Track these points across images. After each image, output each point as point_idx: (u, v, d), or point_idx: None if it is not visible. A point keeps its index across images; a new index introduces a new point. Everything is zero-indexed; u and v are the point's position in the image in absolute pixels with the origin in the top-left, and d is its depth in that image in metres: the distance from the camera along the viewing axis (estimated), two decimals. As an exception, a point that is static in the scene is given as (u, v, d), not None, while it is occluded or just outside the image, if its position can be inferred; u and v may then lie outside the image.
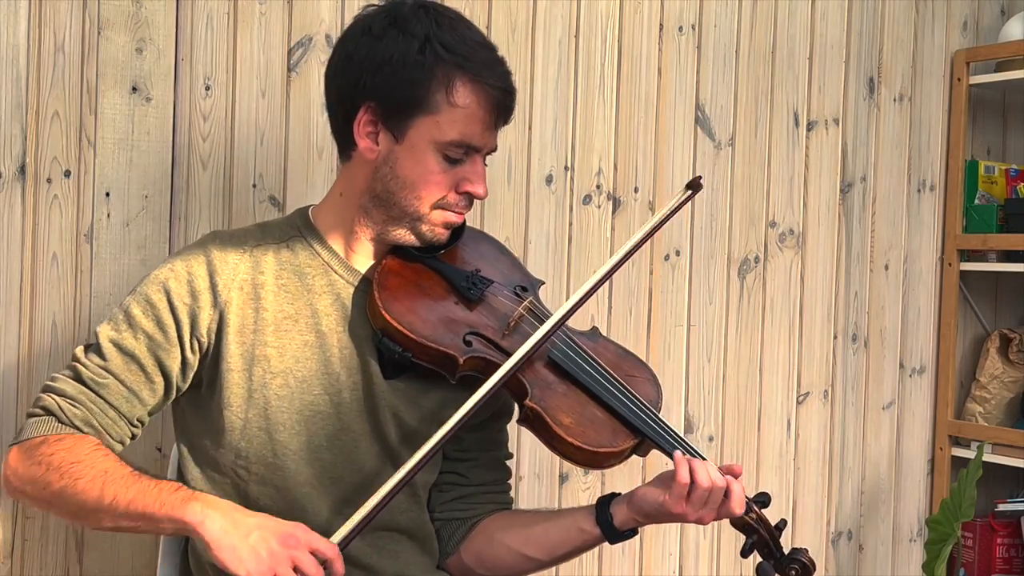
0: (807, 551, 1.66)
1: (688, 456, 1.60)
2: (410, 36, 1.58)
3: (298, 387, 1.62)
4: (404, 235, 1.65)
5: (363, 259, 1.68)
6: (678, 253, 2.63)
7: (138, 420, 1.62)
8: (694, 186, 1.73)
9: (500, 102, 1.62)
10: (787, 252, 2.78)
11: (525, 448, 2.39)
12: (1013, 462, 2.91)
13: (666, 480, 1.61)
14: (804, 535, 2.81)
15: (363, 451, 1.65)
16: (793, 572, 1.64)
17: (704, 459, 1.60)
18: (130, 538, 2.02)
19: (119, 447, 1.61)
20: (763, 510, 1.65)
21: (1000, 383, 3.05)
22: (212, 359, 1.62)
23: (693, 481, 1.57)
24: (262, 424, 1.62)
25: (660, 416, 1.65)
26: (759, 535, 1.64)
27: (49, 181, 1.97)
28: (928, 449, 3.05)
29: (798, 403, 2.82)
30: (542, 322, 1.64)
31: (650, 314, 2.59)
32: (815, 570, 1.66)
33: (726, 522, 1.66)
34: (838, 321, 2.87)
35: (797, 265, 2.80)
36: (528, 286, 1.74)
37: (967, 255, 3.03)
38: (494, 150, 1.66)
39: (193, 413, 1.67)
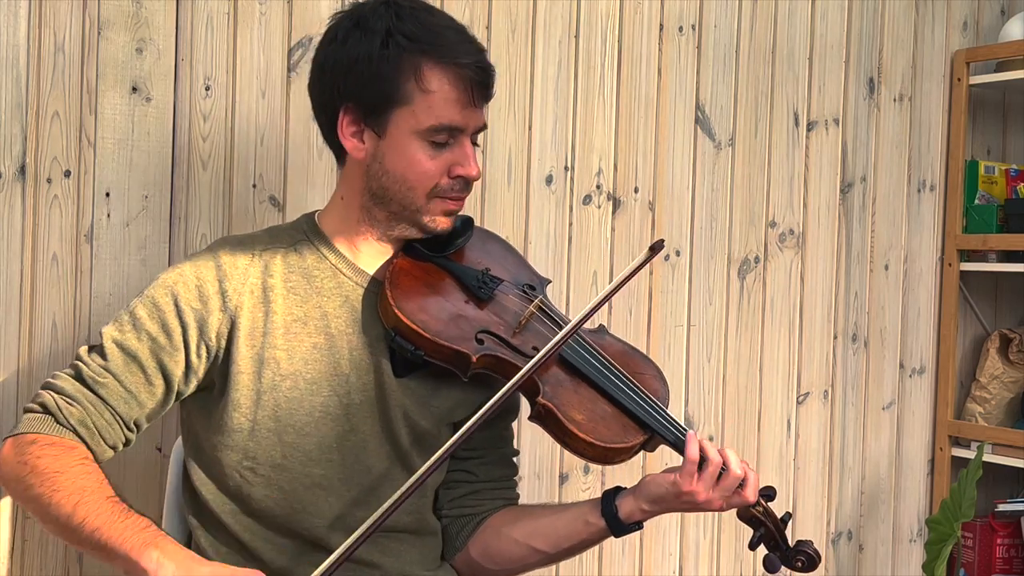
0: (812, 543, 1.69)
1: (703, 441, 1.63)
2: (372, 34, 1.61)
3: (307, 389, 1.63)
4: (407, 230, 1.67)
5: (370, 260, 1.69)
6: (678, 253, 2.63)
7: (135, 424, 1.62)
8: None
9: (473, 79, 1.62)
10: (787, 252, 2.78)
11: (525, 448, 2.39)
12: (1013, 462, 2.91)
13: (675, 468, 1.64)
14: (804, 535, 2.81)
15: (372, 452, 1.65)
16: (800, 563, 1.68)
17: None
18: (130, 538, 2.02)
19: (111, 453, 1.61)
20: (769, 503, 1.68)
21: (1000, 383, 3.05)
22: (223, 363, 1.62)
23: (704, 458, 1.60)
24: (271, 426, 1.62)
25: (668, 412, 1.68)
26: (766, 528, 1.67)
27: (49, 181, 1.97)
28: (928, 449, 3.05)
29: (798, 403, 2.82)
30: (551, 322, 1.68)
31: (650, 314, 2.59)
32: (821, 561, 1.69)
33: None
34: (838, 321, 2.87)
35: (797, 265, 2.80)
36: (536, 285, 1.76)
37: (967, 255, 3.03)
38: (482, 128, 1.67)
39: (200, 415, 1.67)
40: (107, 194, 2.01)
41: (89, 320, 1.99)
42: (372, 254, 1.69)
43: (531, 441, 2.41)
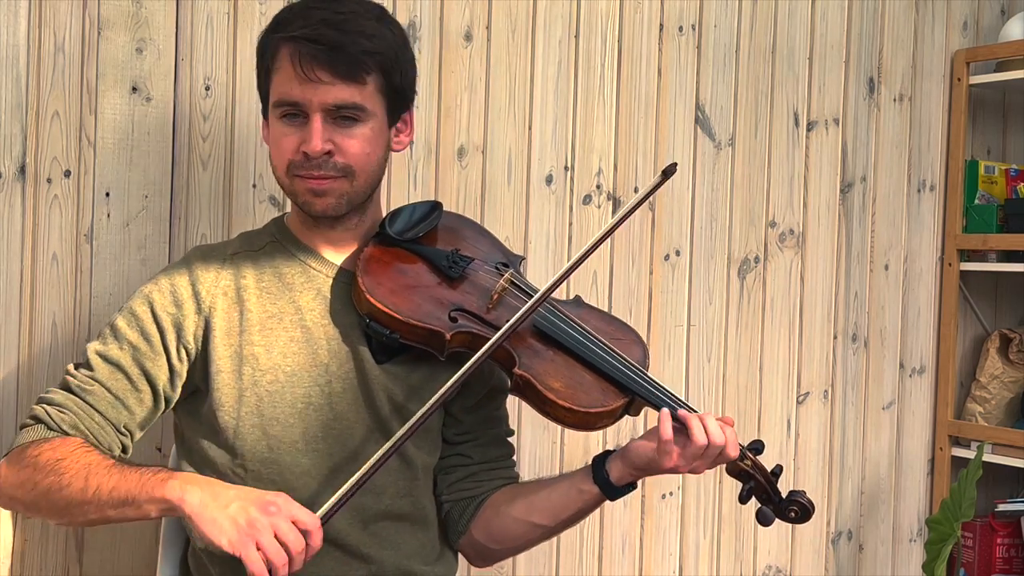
0: (805, 493, 1.67)
1: (684, 411, 1.61)
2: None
3: (288, 381, 1.65)
4: (309, 217, 1.70)
5: (333, 252, 1.73)
6: (678, 253, 2.63)
7: (126, 428, 1.64)
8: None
9: (301, 51, 1.60)
10: (787, 252, 2.78)
11: (525, 448, 2.39)
12: (1013, 462, 2.91)
13: (655, 433, 1.62)
14: (804, 535, 2.81)
15: (359, 438, 1.67)
16: (792, 514, 1.66)
17: (696, 412, 1.61)
18: (130, 538, 2.03)
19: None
20: (757, 457, 1.66)
21: (1000, 383, 3.05)
22: (202, 365, 1.65)
23: (690, 438, 1.58)
24: (255, 421, 1.64)
25: (649, 374, 1.68)
26: (756, 481, 1.66)
27: (49, 181, 1.97)
28: (928, 449, 3.05)
29: (798, 403, 2.82)
30: (524, 294, 1.69)
31: (650, 314, 2.59)
32: (814, 510, 1.67)
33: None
34: (838, 321, 2.87)
35: (797, 265, 2.80)
36: (508, 262, 1.77)
37: (967, 255, 3.03)
38: (340, 105, 1.61)
39: (189, 419, 1.70)
40: (107, 194, 2.01)
41: (89, 320, 1.99)
42: (332, 245, 1.72)
43: (531, 442, 2.42)
